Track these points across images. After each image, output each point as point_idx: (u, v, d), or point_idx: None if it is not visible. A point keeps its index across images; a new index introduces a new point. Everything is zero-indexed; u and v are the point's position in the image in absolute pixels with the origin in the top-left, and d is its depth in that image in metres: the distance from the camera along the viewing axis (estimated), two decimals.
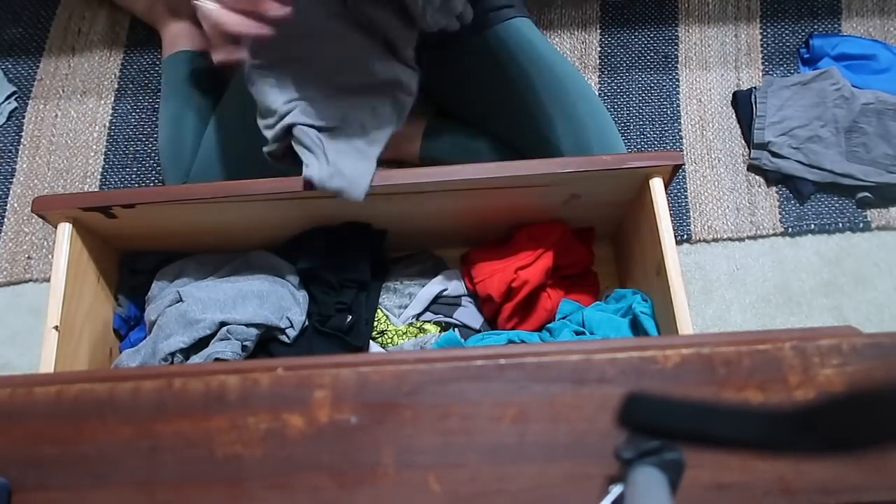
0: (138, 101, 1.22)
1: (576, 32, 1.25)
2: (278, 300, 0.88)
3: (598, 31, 1.25)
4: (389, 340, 0.91)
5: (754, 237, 1.13)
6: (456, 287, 0.95)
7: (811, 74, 1.17)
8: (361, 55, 0.80)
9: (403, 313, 0.94)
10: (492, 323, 0.95)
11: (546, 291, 0.94)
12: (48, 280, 0.99)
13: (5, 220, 1.15)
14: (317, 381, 0.49)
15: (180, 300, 0.86)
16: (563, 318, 0.92)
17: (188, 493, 0.47)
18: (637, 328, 0.86)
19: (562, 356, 0.49)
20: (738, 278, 1.10)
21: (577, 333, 0.88)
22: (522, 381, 0.48)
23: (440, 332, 0.93)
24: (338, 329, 0.89)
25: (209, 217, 0.87)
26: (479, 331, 0.94)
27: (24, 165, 1.18)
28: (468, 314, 0.94)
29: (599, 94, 1.20)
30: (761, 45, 1.24)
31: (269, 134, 0.79)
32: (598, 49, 1.23)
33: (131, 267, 0.94)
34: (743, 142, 1.18)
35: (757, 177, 1.16)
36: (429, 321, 0.94)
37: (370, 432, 0.47)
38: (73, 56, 1.25)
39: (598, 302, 0.95)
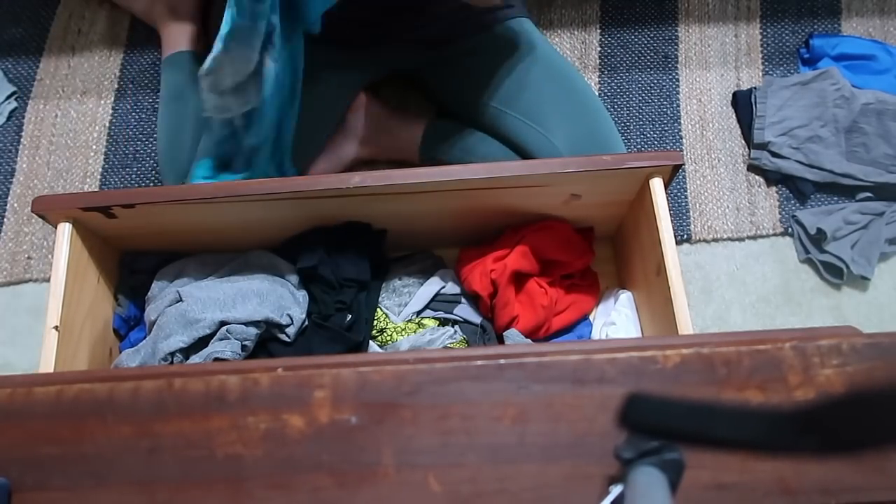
0: (138, 101, 1.22)
1: (576, 32, 1.25)
2: (278, 299, 0.88)
3: (598, 31, 1.24)
4: (389, 338, 0.91)
5: (754, 237, 1.13)
6: (454, 286, 0.95)
7: (811, 74, 1.17)
8: None
9: (403, 311, 0.94)
10: (490, 322, 0.95)
11: (538, 283, 0.93)
12: (48, 280, 0.99)
13: (5, 220, 1.15)
14: (317, 381, 0.49)
15: (180, 300, 0.86)
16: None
17: (188, 493, 0.47)
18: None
19: (562, 356, 0.49)
20: (738, 278, 1.10)
21: None
22: (522, 381, 0.48)
23: (439, 325, 0.93)
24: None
25: (209, 217, 0.87)
26: (479, 325, 0.94)
27: (24, 165, 1.18)
28: (468, 310, 0.94)
29: (599, 94, 1.20)
30: (761, 45, 1.24)
31: None
32: (598, 49, 1.23)
33: (131, 267, 0.94)
34: (743, 142, 1.18)
35: (757, 177, 1.16)
36: (428, 318, 0.94)
37: (370, 432, 0.47)
38: (73, 56, 1.25)
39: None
